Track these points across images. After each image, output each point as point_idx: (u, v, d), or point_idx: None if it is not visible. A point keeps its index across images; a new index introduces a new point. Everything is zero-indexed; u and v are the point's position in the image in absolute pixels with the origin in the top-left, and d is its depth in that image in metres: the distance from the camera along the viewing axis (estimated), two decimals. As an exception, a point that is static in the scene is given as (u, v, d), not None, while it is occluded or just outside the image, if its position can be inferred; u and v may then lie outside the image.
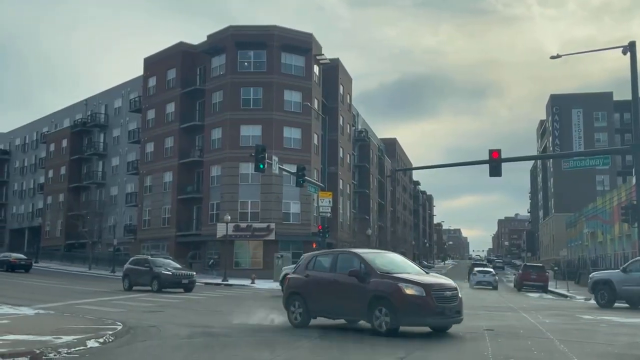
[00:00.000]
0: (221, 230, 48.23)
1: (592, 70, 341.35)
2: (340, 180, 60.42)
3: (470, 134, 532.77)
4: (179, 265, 31.64)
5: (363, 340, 12.45)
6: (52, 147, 76.25)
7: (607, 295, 23.84)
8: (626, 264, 25.34)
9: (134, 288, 30.15)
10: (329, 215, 42.80)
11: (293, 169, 39.44)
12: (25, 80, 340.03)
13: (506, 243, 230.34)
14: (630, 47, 26.94)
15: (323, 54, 56.17)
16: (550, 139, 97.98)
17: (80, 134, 73.14)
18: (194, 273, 31.45)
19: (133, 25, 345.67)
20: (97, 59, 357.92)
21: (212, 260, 53.88)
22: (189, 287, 29.98)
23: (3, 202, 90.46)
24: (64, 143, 73.91)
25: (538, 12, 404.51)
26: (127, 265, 32.21)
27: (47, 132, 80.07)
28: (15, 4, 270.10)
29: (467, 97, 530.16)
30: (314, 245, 49.71)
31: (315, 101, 54.60)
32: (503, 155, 26.91)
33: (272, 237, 50.37)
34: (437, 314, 12.49)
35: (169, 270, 29.68)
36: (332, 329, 14.13)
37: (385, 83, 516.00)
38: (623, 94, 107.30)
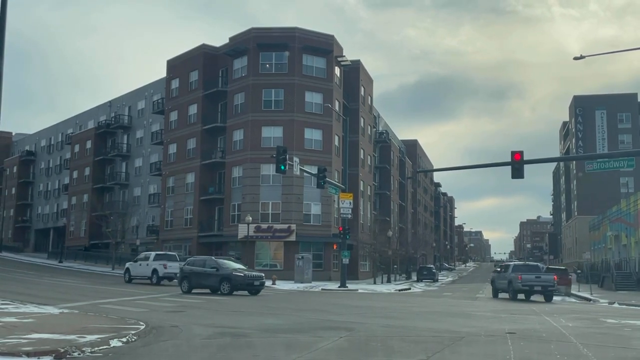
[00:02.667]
0: (242, 231, 48.46)
1: (617, 70, 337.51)
2: (361, 182, 60.35)
3: (491, 135, 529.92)
4: (242, 266, 30.40)
5: (387, 341, 12.46)
6: (76, 148, 77.14)
7: (492, 289, 36.20)
8: (500, 267, 37.82)
9: (194, 291, 28.95)
10: (349, 216, 42.81)
11: (314, 170, 39.53)
12: (50, 83, 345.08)
13: (528, 245, 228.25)
14: (655, 48, 26.56)
15: (344, 56, 56.16)
16: (574, 140, 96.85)
17: (104, 135, 73.93)
18: (263, 274, 29.96)
19: (156, 28, 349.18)
20: (121, 62, 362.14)
21: None
22: (258, 289, 28.72)
23: (29, 203, 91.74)
24: (88, 144, 74.76)
25: (559, 13, 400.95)
26: (184, 267, 30.53)
27: (72, 133, 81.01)
28: (43, 10, 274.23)
29: (488, 98, 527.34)
30: (335, 247, 49.88)
31: (336, 102, 54.64)
32: (525, 157, 26.68)
33: (292, 238, 50.45)
34: None
35: (240, 272, 28.44)
36: (359, 331, 14.13)
37: (405, 84, 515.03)
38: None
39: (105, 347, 10.58)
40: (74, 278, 40.14)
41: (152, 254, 37.93)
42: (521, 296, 32.76)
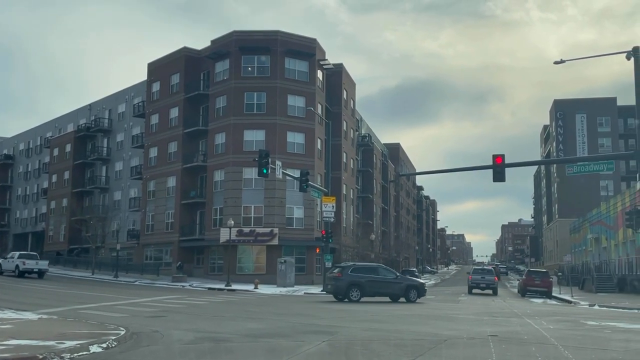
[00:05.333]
0: (224, 235, 48.21)
1: (596, 74, 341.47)
2: (344, 185, 60.36)
3: (472, 139, 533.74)
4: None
5: (369, 345, 12.42)
6: (55, 152, 76.34)
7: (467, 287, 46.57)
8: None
9: (362, 299, 28.83)
10: (332, 220, 42.79)
11: (296, 173, 39.47)
12: (30, 85, 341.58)
13: (510, 248, 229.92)
14: (634, 52, 26.86)
15: (327, 59, 56.20)
16: (554, 144, 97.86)
17: (84, 138, 73.23)
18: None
19: (137, 31, 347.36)
20: (102, 64, 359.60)
21: (179, 263, 53.76)
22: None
23: (7, 207, 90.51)
24: (68, 148, 74.01)
25: (538, 17, 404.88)
26: (349, 274, 29.22)
27: (51, 137, 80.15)
28: (22, 10, 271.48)
29: (469, 102, 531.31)
30: (317, 250, 49.82)
31: (319, 106, 54.62)
32: (506, 161, 26.84)
33: (275, 242, 50.30)
34: None
35: (422, 281, 32.40)
36: (341, 335, 14.08)
37: (386, 88, 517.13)
38: (627, 98, 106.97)
39: (84, 353, 10.44)
40: (53, 283, 39.65)
41: (17, 253, 46.88)
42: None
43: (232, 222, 46.46)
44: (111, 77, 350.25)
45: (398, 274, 31.60)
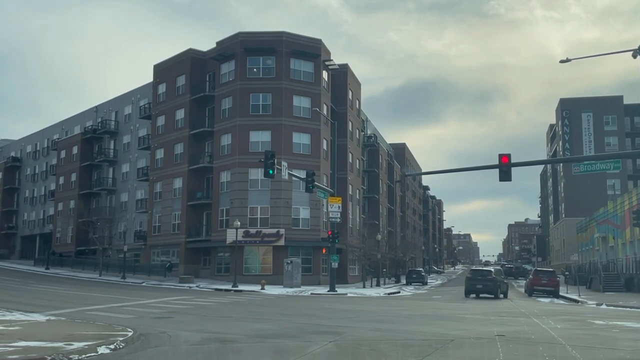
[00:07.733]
0: (231, 236, 48.25)
1: (602, 72, 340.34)
2: (350, 186, 60.33)
3: (477, 139, 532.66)
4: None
5: (376, 345, 12.42)
6: (62, 154, 76.59)
7: None
8: None
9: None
10: (338, 220, 42.76)
11: (302, 174, 39.46)
12: (36, 88, 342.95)
13: (517, 248, 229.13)
14: (640, 51, 26.74)
15: (332, 60, 56.18)
16: (561, 143, 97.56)
17: (91, 140, 73.45)
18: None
19: (143, 33, 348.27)
20: (108, 67, 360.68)
21: (168, 264, 53.71)
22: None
23: (14, 209, 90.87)
24: (75, 150, 74.24)
25: (541, 16, 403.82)
26: (495, 277, 38.55)
27: (58, 139, 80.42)
28: (26, 12, 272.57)
29: (473, 102, 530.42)
30: (324, 251, 49.81)
31: (325, 106, 54.62)
32: (512, 160, 26.79)
33: (281, 242, 50.32)
34: None
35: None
36: (348, 335, 14.08)
37: (390, 88, 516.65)
38: (633, 97, 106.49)
39: (92, 354, 10.48)
40: (60, 285, 39.81)
41: None
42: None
43: (239, 223, 46.53)
44: (117, 79, 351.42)
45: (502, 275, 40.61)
